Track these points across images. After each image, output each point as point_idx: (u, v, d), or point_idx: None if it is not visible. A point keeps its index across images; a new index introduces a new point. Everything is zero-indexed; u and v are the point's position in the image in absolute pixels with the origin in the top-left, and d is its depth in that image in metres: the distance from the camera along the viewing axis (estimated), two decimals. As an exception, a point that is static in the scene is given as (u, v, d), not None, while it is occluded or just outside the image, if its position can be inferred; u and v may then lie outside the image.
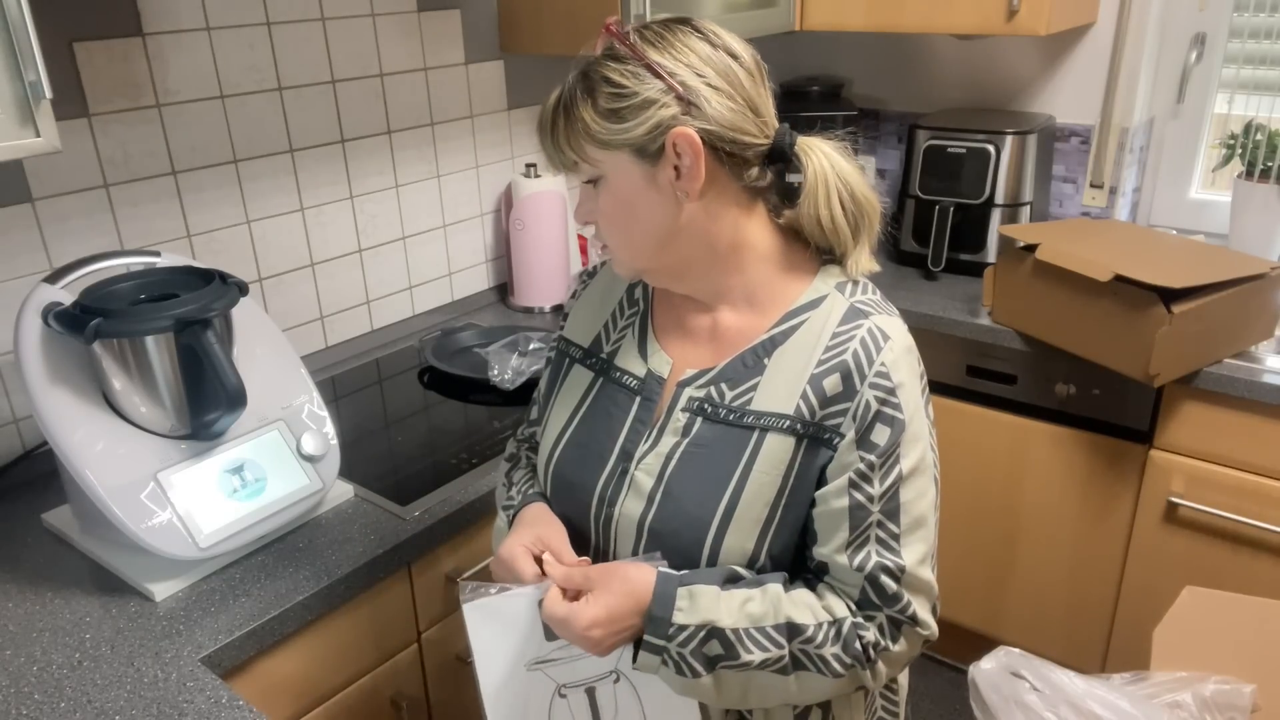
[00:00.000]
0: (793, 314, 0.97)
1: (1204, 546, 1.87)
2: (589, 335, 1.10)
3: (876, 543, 0.91)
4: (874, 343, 0.92)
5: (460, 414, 1.69)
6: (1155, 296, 1.68)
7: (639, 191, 0.93)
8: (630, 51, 0.90)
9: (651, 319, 1.06)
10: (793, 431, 0.93)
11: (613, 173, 0.93)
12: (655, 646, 0.90)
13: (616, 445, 1.01)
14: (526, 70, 2.11)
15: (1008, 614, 2.18)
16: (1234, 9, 2.20)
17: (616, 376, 1.05)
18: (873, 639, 0.92)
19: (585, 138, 0.91)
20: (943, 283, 2.24)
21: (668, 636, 0.90)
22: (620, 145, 0.90)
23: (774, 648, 0.90)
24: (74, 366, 1.21)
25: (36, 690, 1.04)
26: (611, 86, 0.89)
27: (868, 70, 2.60)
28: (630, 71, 0.89)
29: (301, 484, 1.30)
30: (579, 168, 0.94)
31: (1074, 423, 1.97)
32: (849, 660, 0.91)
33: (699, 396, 0.98)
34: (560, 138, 0.93)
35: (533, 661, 0.99)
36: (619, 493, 0.99)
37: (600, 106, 0.89)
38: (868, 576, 0.91)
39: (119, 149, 1.49)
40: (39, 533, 1.33)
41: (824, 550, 0.93)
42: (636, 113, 0.88)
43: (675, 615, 0.89)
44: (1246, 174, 2.12)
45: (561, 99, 0.92)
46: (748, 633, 0.90)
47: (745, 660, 0.90)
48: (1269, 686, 1.17)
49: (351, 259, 1.88)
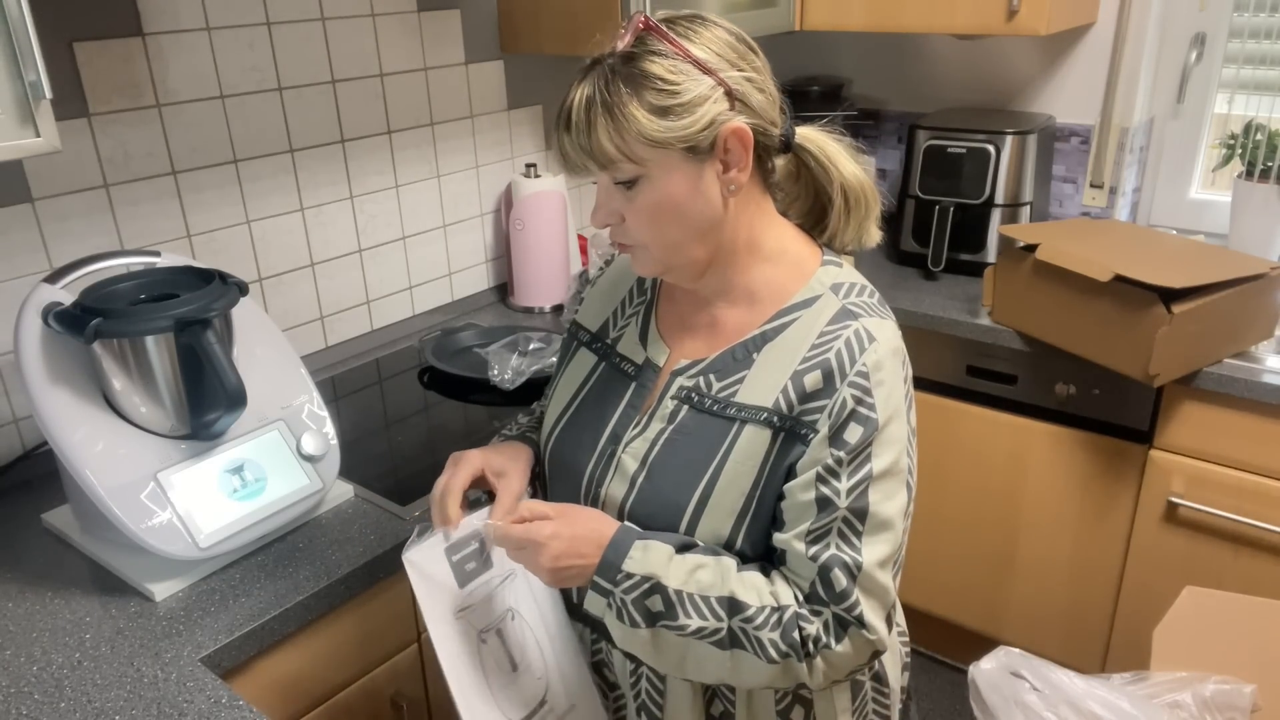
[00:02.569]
0: (786, 311, 0.98)
1: (1204, 546, 1.87)
2: (598, 321, 1.13)
3: (838, 536, 0.91)
4: (859, 343, 0.93)
5: (460, 414, 1.69)
6: (1155, 296, 1.68)
7: (686, 189, 0.91)
8: (675, 47, 0.88)
9: (656, 310, 1.08)
10: (769, 424, 0.94)
11: (659, 171, 0.90)
12: (602, 589, 0.93)
13: (607, 428, 1.04)
14: (526, 70, 2.11)
15: (1008, 614, 2.18)
16: (1234, 9, 2.20)
17: (616, 362, 1.08)
18: (814, 633, 0.90)
19: (636, 136, 0.87)
20: (943, 283, 2.24)
21: (614, 581, 0.92)
22: (674, 143, 0.88)
23: (713, 619, 0.91)
24: (74, 366, 1.21)
25: (36, 690, 1.04)
26: (661, 83, 0.87)
27: (868, 70, 2.60)
28: (677, 68, 0.88)
29: (301, 484, 1.30)
30: (618, 167, 0.90)
31: (1074, 423, 1.97)
32: (785, 648, 0.90)
33: (688, 386, 1.00)
34: (601, 135, 0.88)
35: (457, 610, 1.03)
36: (606, 474, 1.02)
37: (649, 103, 0.87)
38: (820, 568, 0.90)
39: (119, 149, 1.49)
40: (39, 533, 1.33)
41: (783, 536, 0.93)
42: (690, 109, 0.88)
43: (626, 563, 0.92)
44: (1246, 174, 2.12)
45: (598, 96, 0.88)
46: (690, 597, 0.91)
47: (683, 624, 0.91)
48: (1269, 686, 1.17)
49: (351, 259, 1.88)
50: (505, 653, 1.05)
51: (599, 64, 0.90)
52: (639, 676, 1.06)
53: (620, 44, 0.90)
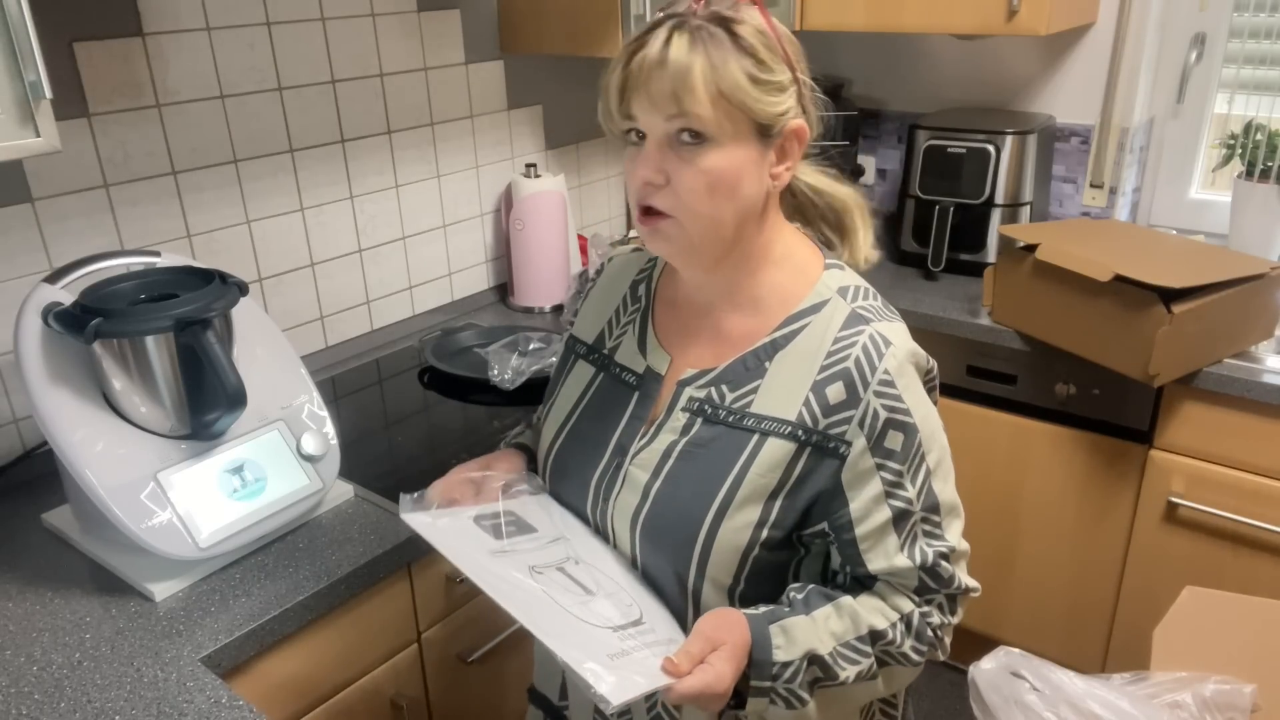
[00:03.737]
0: (794, 318, 0.97)
1: (1204, 546, 1.87)
2: (593, 332, 1.11)
3: (924, 535, 0.95)
4: (875, 350, 0.92)
5: (460, 414, 1.69)
6: (1155, 296, 1.68)
7: (747, 165, 0.90)
8: (771, 30, 0.89)
9: (653, 316, 1.06)
10: (794, 438, 0.93)
11: (730, 138, 0.88)
12: (763, 689, 0.91)
13: (612, 440, 1.02)
14: (526, 70, 2.11)
15: (1008, 614, 2.18)
16: (1234, 9, 2.20)
17: (616, 372, 1.06)
18: (937, 622, 0.96)
19: (733, 90, 0.86)
20: (943, 283, 2.24)
21: (773, 676, 0.90)
22: (759, 114, 0.88)
23: (862, 659, 0.93)
24: (74, 366, 1.21)
25: (36, 690, 1.04)
26: (758, 55, 0.87)
27: (868, 70, 2.60)
28: (772, 47, 0.89)
29: (301, 484, 1.30)
30: (697, 117, 0.86)
31: (1074, 423, 1.97)
32: (924, 648, 0.96)
33: (699, 397, 0.98)
34: (697, 78, 0.84)
35: (495, 551, 0.97)
36: (613, 486, 1.01)
37: (748, 69, 0.87)
38: (922, 567, 0.94)
39: (119, 149, 1.49)
40: (39, 533, 1.33)
41: (880, 564, 0.94)
42: (777, 91, 0.89)
43: (775, 654, 0.90)
44: (1246, 174, 2.12)
45: (701, 40, 0.85)
46: (839, 652, 0.92)
47: (842, 679, 0.92)
48: (1269, 686, 1.17)
49: (351, 259, 1.88)
50: (573, 582, 0.95)
51: (689, 16, 0.87)
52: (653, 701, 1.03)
53: (719, 5, 0.88)
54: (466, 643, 1.45)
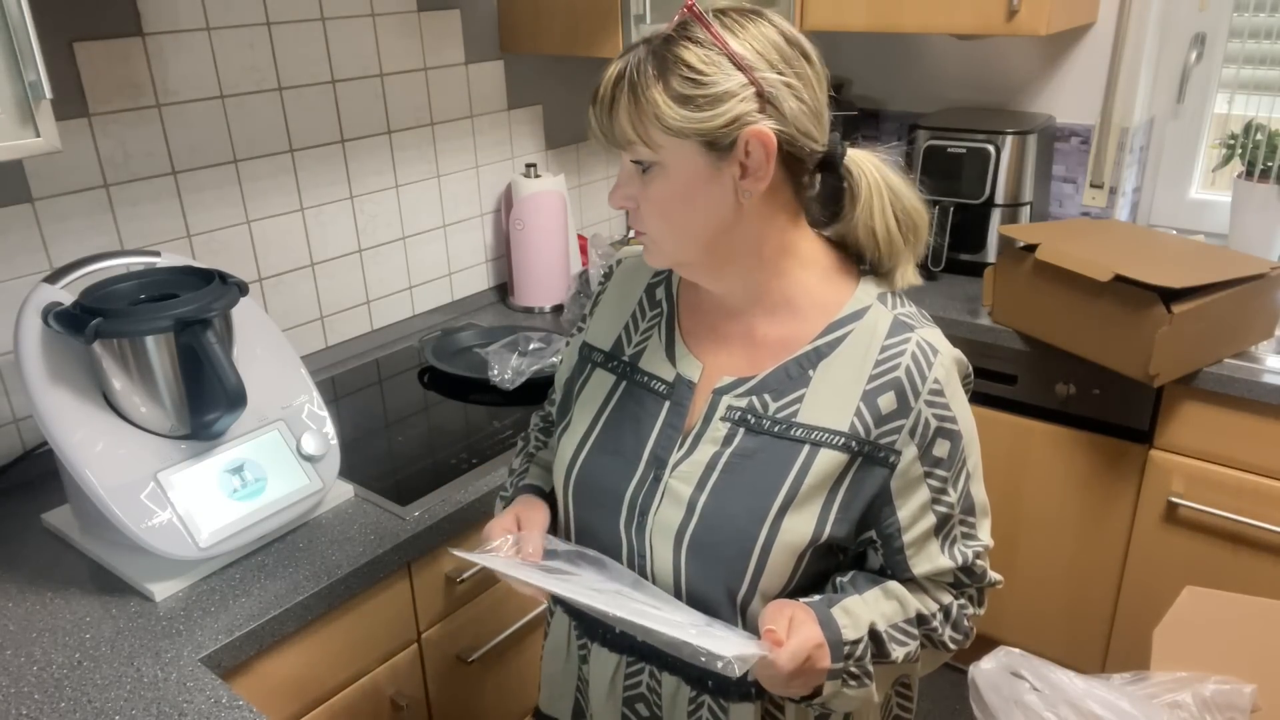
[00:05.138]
0: (837, 324, 0.94)
1: (1204, 546, 1.87)
2: (609, 338, 1.07)
3: (962, 537, 0.97)
4: (925, 358, 0.92)
5: (460, 414, 1.69)
6: (1155, 296, 1.68)
7: (699, 184, 0.88)
8: (713, 37, 0.85)
9: (678, 321, 1.02)
10: (847, 449, 0.91)
11: (674, 161, 0.87)
12: (834, 671, 0.89)
13: (646, 451, 0.98)
14: (526, 70, 2.11)
15: (1008, 614, 2.18)
16: (1234, 9, 2.20)
17: (642, 380, 1.02)
18: (971, 612, 1.00)
19: (653, 120, 0.85)
20: (943, 283, 2.24)
21: (845, 656, 0.90)
22: (690, 134, 0.85)
23: (910, 641, 0.95)
24: (74, 366, 1.21)
25: (36, 690, 1.04)
26: (689, 70, 0.84)
27: (868, 70, 2.60)
28: (710, 59, 0.84)
29: (301, 484, 1.30)
30: (635, 149, 0.88)
31: (1074, 423, 1.97)
32: (960, 637, 0.99)
33: (740, 406, 0.95)
34: (621, 114, 0.86)
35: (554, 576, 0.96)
36: (651, 500, 0.96)
37: (673, 90, 0.84)
38: (962, 566, 0.96)
39: (119, 149, 1.49)
40: (39, 533, 1.33)
41: (924, 568, 0.95)
42: (714, 103, 0.84)
43: (844, 633, 0.90)
44: (1246, 174, 2.12)
45: (627, 74, 0.86)
46: (890, 633, 0.93)
47: (893, 658, 0.93)
48: (1269, 686, 1.17)
49: (351, 259, 1.88)
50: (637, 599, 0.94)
51: (642, 44, 0.88)
52: (699, 705, 1.01)
53: (667, 27, 0.88)
54: (466, 643, 1.45)
